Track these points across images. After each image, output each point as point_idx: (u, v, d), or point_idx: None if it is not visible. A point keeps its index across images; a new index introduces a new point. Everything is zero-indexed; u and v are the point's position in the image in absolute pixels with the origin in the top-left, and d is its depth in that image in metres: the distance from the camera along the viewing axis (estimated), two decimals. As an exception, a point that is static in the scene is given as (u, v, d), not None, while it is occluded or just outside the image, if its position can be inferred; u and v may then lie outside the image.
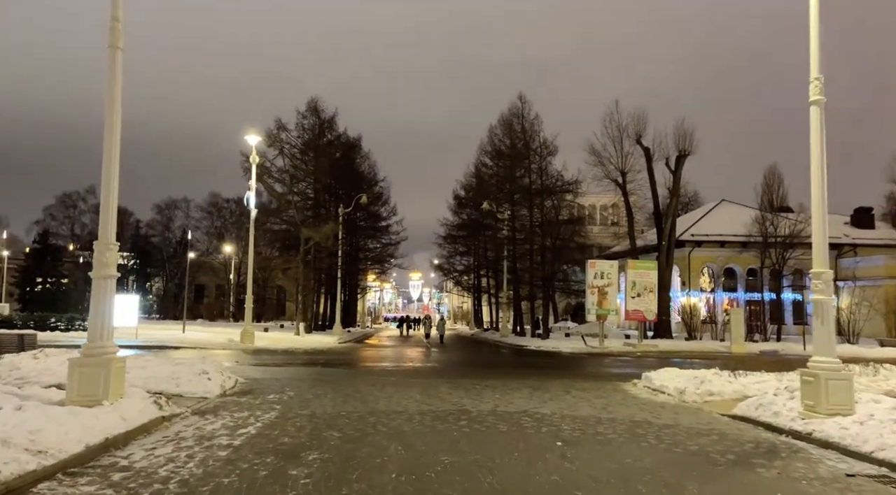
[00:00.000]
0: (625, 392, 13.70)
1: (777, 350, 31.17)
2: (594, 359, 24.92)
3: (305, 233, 31.71)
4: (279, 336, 33.16)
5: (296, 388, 12.64)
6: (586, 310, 29.60)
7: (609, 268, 29.32)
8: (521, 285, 45.57)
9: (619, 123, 39.52)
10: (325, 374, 15.97)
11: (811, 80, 9.75)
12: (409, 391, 12.66)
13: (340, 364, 19.36)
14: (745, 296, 46.41)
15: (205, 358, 13.48)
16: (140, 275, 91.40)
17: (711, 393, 12.29)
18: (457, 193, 58.25)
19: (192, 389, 11.00)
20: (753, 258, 42.84)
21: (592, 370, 20.45)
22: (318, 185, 38.93)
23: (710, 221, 48.22)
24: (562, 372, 19.00)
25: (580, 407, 11.07)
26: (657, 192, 40.87)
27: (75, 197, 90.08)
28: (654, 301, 29.67)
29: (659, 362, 23.38)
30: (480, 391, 13.05)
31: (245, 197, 26.04)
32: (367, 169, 54.34)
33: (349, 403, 10.83)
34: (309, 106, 37.04)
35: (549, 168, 37.89)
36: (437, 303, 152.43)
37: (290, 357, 22.25)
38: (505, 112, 41.70)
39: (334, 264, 39.40)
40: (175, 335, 28.81)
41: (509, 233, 41.89)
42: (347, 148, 44.06)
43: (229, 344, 26.04)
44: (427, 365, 20.28)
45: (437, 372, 17.49)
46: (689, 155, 39.04)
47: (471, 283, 65.23)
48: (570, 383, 14.96)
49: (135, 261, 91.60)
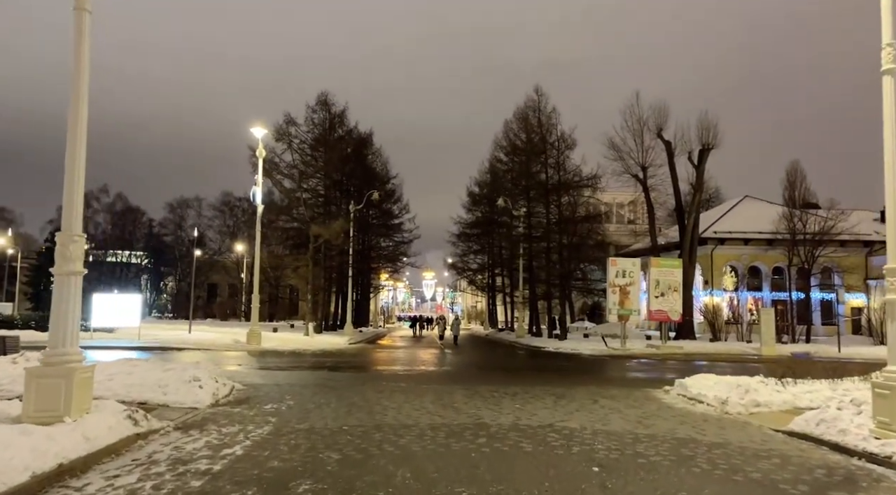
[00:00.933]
0: (658, 401, 12.45)
1: (808, 352, 29.65)
2: (617, 362, 23.63)
3: (315, 230, 30.66)
4: (288, 336, 32.19)
5: (297, 396, 11.55)
6: (607, 310, 28.27)
7: (631, 267, 27.97)
8: (536, 284, 44.29)
9: (639, 116, 38.09)
10: (330, 379, 14.86)
11: (883, 46, 8.45)
12: (421, 399, 11.51)
13: (349, 367, 18.27)
14: (770, 295, 44.80)
15: (199, 363, 12.41)
16: (154, 274, 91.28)
17: (758, 403, 11.02)
18: (471, 190, 57.08)
19: (180, 399, 9.92)
20: (781, 256, 41.23)
21: (617, 374, 19.19)
22: (329, 182, 37.88)
23: (733, 218, 46.63)
24: (585, 376, 17.77)
25: (612, 421, 9.86)
26: (679, 188, 39.44)
27: (89, 196, 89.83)
28: (678, 300, 28.28)
29: (687, 365, 22.07)
30: (499, 399, 11.88)
31: (251, 192, 25.08)
32: (380, 166, 53.33)
33: (353, 415, 9.69)
34: (319, 99, 36.03)
35: (566, 162, 36.52)
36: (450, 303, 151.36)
37: (296, 359, 21.20)
38: (521, 105, 40.42)
39: (345, 262, 38.36)
40: (180, 336, 27.91)
41: (525, 230, 40.57)
42: (358, 144, 42.98)
43: (235, 345, 25.07)
44: (441, 368, 19.13)
45: (452, 377, 16.33)
46: (713, 148, 37.55)
47: (485, 282, 63.99)
48: (596, 390, 13.74)
49: (148, 260, 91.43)
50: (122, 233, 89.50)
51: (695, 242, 38.89)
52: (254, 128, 24.84)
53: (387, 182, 53.46)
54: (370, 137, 45.01)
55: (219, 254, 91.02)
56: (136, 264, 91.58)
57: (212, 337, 27.00)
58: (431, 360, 21.91)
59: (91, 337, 23.65)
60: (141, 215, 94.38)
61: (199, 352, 22.27)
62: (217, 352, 22.83)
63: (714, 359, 25.49)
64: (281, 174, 31.61)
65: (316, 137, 36.14)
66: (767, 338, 27.00)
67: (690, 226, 38.13)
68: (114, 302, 24.88)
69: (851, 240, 41.18)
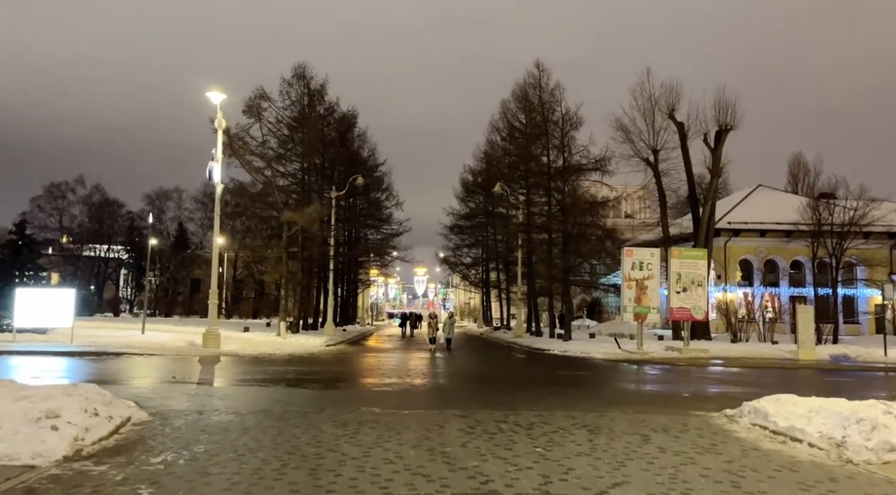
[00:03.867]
0: (729, 435, 8.94)
1: (846, 354, 26.26)
2: (639, 370, 20.09)
3: (288, 215, 26.92)
4: (258, 337, 28.49)
5: (218, 435, 7.93)
6: (622, 307, 24.75)
7: (650, 257, 24.44)
8: (535, 278, 40.71)
9: (650, 94, 34.64)
10: (282, 401, 11.22)
11: None
12: (399, 440, 7.92)
13: (314, 380, 14.57)
14: (788, 291, 41.55)
15: (77, 385, 8.74)
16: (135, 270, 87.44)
17: (893, 447, 7.50)
18: (464, 179, 53.45)
19: (14, 450, 6.28)
20: (804, 248, 37.96)
21: (648, 387, 15.66)
22: (308, 165, 34.06)
23: (747, 209, 43.32)
24: (610, 392, 14.25)
25: (692, 481, 6.31)
26: (692, 174, 36.02)
27: (64, 187, 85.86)
28: (702, 296, 24.79)
29: (725, 374, 18.60)
30: (510, 437, 8.32)
31: (207, 168, 21.29)
32: (367, 152, 49.55)
33: (285, 480, 6.06)
34: (295, 72, 32.05)
35: (571, 144, 32.84)
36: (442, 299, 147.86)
37: (254, 368, 17.54)
38: (520, 81, 36.68)
39: (326, 254, 34.65)
40: (129, 337, 24.14)
41: (524, 219, 36.96)
42: (341, 124, 39.11)
43: (188, 348, 21.33)
44: (431, 382, 15.41)
45: (444, 397, 12.73)
46: (732, 129, 34.09)
47: (479, 277, 60.45)
48: (637, 417, 10.19)
49: (129, 255, 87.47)
50: (99, 227, 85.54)
51: (710, 233, 35.47)
52: (210, 92, 21.05)
53: (374, 169, 49.71)
54: (355, 119, 41.25)
55: (200, 249, 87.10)
56: (116, 259, 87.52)
57: (164, 339, 23.25)
58: (420, 370, 18.26)
59: (14, 339, 19.92)
60: (119, 208, 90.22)
61: (141, 357, 18.56)
62: (163, 357, 19.12)
63: (747, 365, 22.05)
64: (252, 154, 27.86)
65: (293, 115, 32.33)
66: (805, 340, 23.58)
67: (706, 215, 34.70)
68: (43, 297, 21.09)
69: (878, 231, 37.89)
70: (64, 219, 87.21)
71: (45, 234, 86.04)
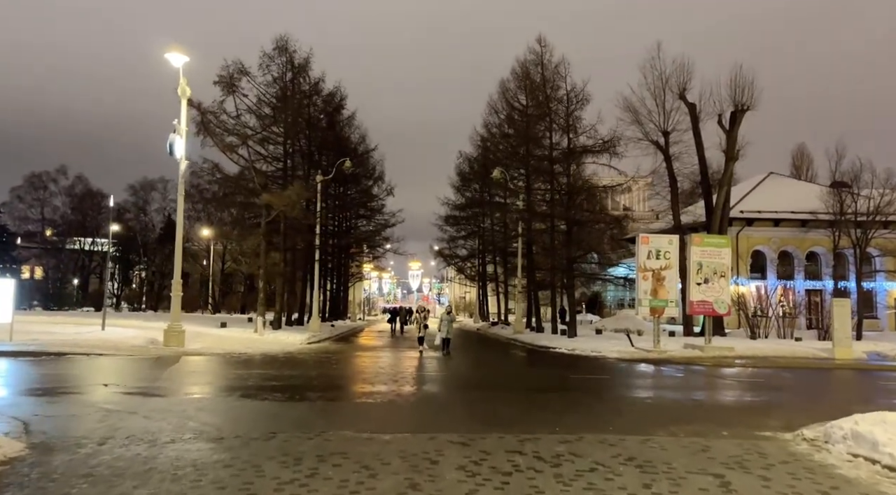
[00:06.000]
0: (837, 475, 6.45)
1: (877, 351, 23.96)
2: (664, 374, 17.60)
3: (265, 198, 24.25)
4: (233, 334, 25.90)
5: (99, 487, 5.37)
6: (637, 300, 22.21)
7: (668, 245, 21.89)
8: (536, 270, 38.17)
9: (661, 71, 32.05)
10: (231, 419, 8.66)
11: None
12: (370, 491, 5.39)
13: (278, 389, 11.98)
14: (803, 284, 39.18)
15: None
16: (123, 263, 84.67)
17: None
18: (459, 166, 50.76)
19: None
20: (823, 239, 35.53)
21: (681, 396, 13.14)
22: (291, 147, 31.30)
23: (760, 197, 40.88)
24: (642, 404, 11.76)
25: None
26: (705, 158, 33.55)
27: (45, 177, 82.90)
28: (725, 289, 22.29)
29: (764, 378, 16.14)
30: (532, 478, 5.85)
31: (168, 142, 18.61)
32: (358, 138, 46.79)
33: None
34: (277, 44, 29.23)
35: (577, 123, 30.19)
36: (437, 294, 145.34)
37: (213, 371, 14.98)
38: (520, 57, 33.96)
39: (311, 244, 31.98)
40: (88, 334, 21.52)
41: (524, 205, 34.35)
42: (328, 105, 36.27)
43: (147, 347, 18.71)
44: (419, 390, 12.65)
45: (437, 412, 10.17)
46: (749, 109, 31.59)
47: (475, 271, 57.85)
48: (694, 442, 7.70)
49: (116, 248, 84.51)
50: (83, 219, 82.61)
51: (725, 221, 33.06)
52: (171, 54, 18.27)
53: (365, 155, 47.00)
54: (343, 100, 38.45)
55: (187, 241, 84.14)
56: (100, 252, 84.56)
57: (123, 336, 20.59)
58: (408, 373, 15.67)
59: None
60: (101, 199, 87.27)
61: (85, 358, 15.96)
62: (112, 357, 16.51)
63: (779, 365, 19.64)
64: (227, 131, 25.17)
65: (275, 93, 29.58)
66: (842, 337, 21.13)
67: (721, 201, 32.25)
68: (-23, 289, 18.40)
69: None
70: (46, 210, 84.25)
71: (26, 226, 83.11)
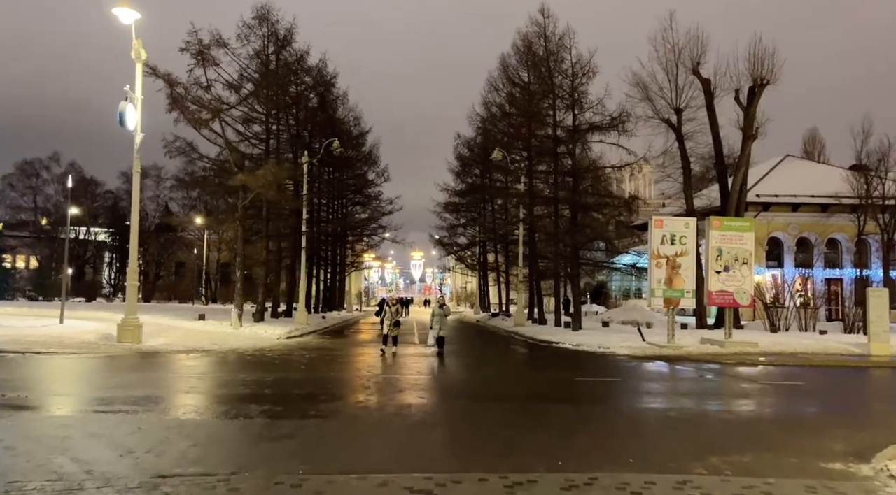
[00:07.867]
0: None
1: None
2: (681, 374, 15.40)
3: (241, 178, 22.02)
4: (206, 327, 23.78)
5: None
6: (650, 290, 19.96)
7: (684, 229, 19.63)
8: (538, 259, 35.89)
9: (673, 43, 29.64)
10: (117, 450, 6.48)
11: None
12: None
13: (224, 401, 9.83)
14: (822, 272, 36.85)
15: None
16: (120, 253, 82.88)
17: None
18: (459, 152, 48.37)
19: None
20: (846, 224, 33.24)
21: (713, 408, 10.90)
22: (273, 124, 28.96)
23: (777, 180, 38.47)
24: (665, 418, 9.49)
25: None
26: (720, 137, 31.21)
27: (38, 165, 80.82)
28: (748, 277, 20.00)
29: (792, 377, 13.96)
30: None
31: (118, 111, 16.41)
32: (352, 121, 44.42)
33: None
34: (259, 13, 26.81)
35: (583, 99, 27.79)
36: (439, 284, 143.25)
37: (156, 374, 12.83)
38: (522, 30, 31.50)
39: (298, 230, 29.81)
40: (39, 327, 19.42)
41: (526, 188, 32.06)
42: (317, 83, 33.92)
43: (98, 343, 16.58)
44: (390, 403, 10.26)
45: (405, 437, 7.87)
46: (769, 84, 29.16)
47: (476, 260, 55.57)
48: (748, 484, 5.49)
49: (112, 238, 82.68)
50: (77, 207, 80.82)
51: (742, 205, 30.75)
52: (118, 9, 15.92)
53: (360, 138, 44.66)
54: (333, 78, 36.05)
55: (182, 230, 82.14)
56: (96, 241, 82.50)
57: (75, 330, 18.47)
58: (384, 382, 13.47)
59: None
60: (96, 186, 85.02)
61: (11, 357, 13.82)
62: (49, 356, 14.39)
63: (810, 363, 17.42)
64: (202, 107, 22.93)
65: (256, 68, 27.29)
66: (879, 331, 18.86)
67: (738, 183, 29.95)
68: None
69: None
70: (38, 198, 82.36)
71: (18, 215, 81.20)
